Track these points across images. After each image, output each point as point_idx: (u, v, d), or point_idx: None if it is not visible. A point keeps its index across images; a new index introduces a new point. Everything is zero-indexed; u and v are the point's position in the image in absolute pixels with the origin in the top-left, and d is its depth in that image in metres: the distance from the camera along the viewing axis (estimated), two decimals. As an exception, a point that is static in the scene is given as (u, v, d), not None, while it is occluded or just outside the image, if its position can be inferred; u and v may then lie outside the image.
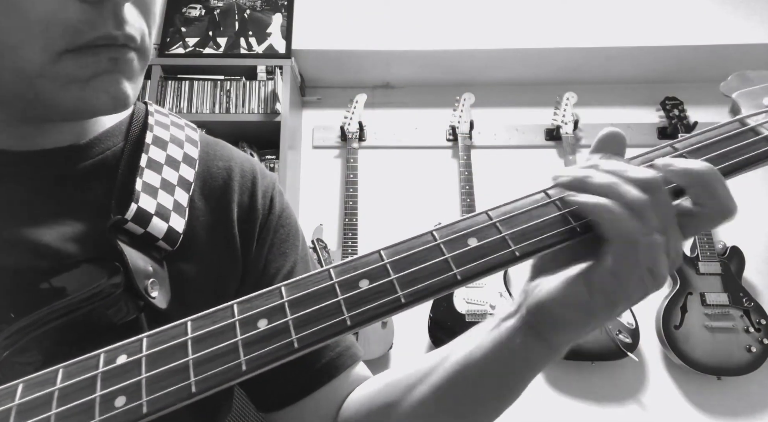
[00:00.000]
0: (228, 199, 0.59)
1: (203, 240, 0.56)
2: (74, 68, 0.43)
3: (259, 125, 2.15)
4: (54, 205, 0.50)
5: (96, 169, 0.53)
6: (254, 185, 0.61)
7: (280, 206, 0.63)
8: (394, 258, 0.37)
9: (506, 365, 0.45)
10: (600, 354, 1.99)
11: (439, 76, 2.47)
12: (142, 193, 0.50)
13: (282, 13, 2.32)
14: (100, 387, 0.34)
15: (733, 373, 1.97)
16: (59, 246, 0.48)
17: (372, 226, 2.24)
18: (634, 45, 2.23)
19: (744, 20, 2.22)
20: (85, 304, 0.44)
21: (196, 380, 0.34)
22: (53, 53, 0.42)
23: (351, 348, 0.63)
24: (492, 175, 2.36)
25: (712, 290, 2.03)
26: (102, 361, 0.35)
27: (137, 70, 0.48)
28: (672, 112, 2.32)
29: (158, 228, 0.50)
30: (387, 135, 2.48)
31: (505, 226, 0.38)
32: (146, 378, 0.34)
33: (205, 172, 0.59)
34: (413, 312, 1.76)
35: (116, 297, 0.46)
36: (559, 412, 2.12)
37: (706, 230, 0.38)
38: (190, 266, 0.54)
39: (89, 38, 0.42)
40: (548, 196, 0.40)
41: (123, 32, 0.44)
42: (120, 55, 0.45)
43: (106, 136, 0.55)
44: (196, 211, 0.56)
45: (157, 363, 0.35)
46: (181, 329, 0.36)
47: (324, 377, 0.59)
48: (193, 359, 0.34)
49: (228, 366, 0.34)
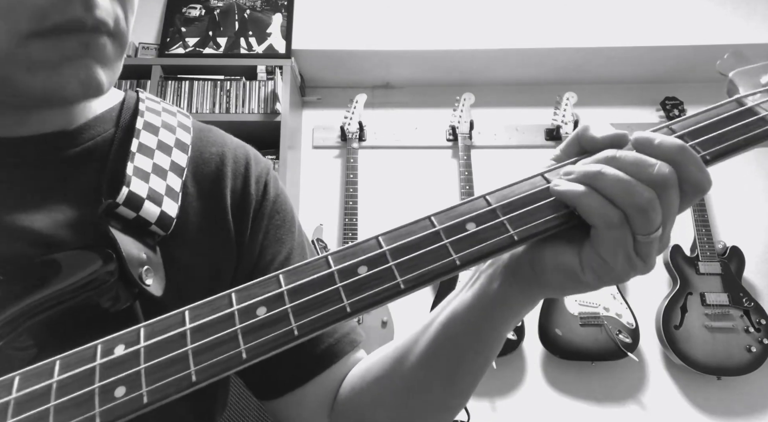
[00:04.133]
0: (221, 185, 0.58)
1: (196, 227, 0.55)
2: (41, 52, 0.42)
3: (259, 125, 2.15)
4: (44, 192, 0.50)
5: (86, 155, 0.52)
6: (247, 170, 0.60)
7: (274, 192, 0.62)
8: (392, 244, 0.37)
9: (486, 311, 0.45)
10: (600, 354, 1.99)
11: (439, 76, 2.47)
12: (134, 178, 0.50)
13: (282, 13, 2.32)
14: (99, 378, 0.34)
15: (733, 373, 1.97)
16: (51, 233, 0.48)
17: (372, 226, 2.24)
18: (634, 45, 2.23)
19: (744, 20, 2.22)
20: (79, 293, 0.44)
21: (196, 369, 0.34)
22: (19, 36, 0.41)
23: (350, 334, 0.62)
24: (492, 175, 2.36)
25: (712, 290, 2.03)
26: (99, 352, 0.35)
27: (111, 56, 0.46)
28: (672, 112, 2.32)
29: (150, 213, 0.49)
30: (387, 135, 2.48)
31: (503, 211, 0.38)
32: (145, 368, 0.34)
33: (198, 157, 0.58)
34: (413, 311, 1.76)
35: (110, 285, 0.45)
36: (559, 412, 2.12)
37: (683, 209, 0.37)
38: (184, 253, 0.53)
39: (56, 21, 0.41)
40: (546, 179, 0.40)
41: (92, 16, 0.42)
42: (91, 40, 0.44)
43: (96, 122, 0.55)
44: (188, 197, 0.55)
45: (155, 353, 0.34)
46: (179, 318, 0.36)
47: (323, 363, 0.58)
48: (193, 348, 0.34)
49: (228, 354, 0.34)
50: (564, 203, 0.38)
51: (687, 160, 0.37)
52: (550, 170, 0.41)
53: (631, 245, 0.37)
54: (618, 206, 0.36)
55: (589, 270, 0.38)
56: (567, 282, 0.40)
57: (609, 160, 0.37)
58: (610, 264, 0.37)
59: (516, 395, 2.14)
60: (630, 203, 0.35)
